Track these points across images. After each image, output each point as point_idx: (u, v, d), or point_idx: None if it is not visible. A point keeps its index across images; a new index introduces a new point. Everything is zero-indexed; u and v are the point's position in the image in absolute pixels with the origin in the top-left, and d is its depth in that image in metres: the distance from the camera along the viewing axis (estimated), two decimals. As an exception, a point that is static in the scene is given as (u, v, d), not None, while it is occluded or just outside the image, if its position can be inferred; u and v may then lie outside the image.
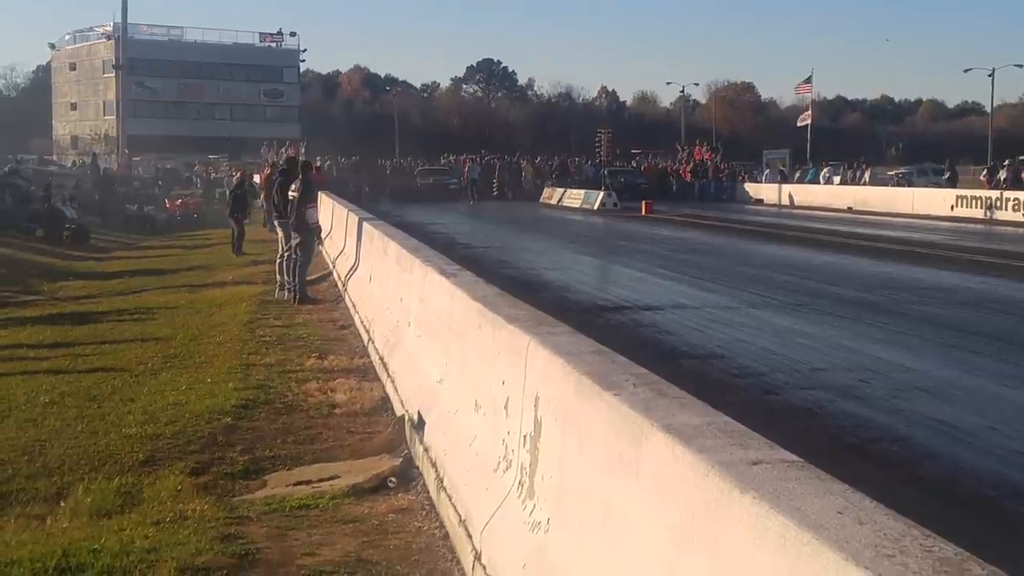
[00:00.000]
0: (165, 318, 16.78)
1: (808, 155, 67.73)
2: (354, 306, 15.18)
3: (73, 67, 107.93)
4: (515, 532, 4.91)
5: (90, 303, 20.28)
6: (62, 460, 8.50)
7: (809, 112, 69.67)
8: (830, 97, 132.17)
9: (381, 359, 10.88)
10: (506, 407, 5.58)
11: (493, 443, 5.76)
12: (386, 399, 9.67)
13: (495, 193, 57.37)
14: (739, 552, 2.84)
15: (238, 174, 31.14)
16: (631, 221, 40.40)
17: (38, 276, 25.63)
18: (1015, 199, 40.78)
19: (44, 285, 24.10)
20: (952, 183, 49.67)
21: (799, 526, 2.59)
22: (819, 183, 56.72)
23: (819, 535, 2.52)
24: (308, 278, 17.78)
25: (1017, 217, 39.08)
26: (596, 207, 48.07)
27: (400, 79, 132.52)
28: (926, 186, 51.42)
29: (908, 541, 2.50)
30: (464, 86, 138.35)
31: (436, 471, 6.75)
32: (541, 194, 56.72)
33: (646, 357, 7.60)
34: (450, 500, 6.17)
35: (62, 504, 7.43)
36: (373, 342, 11.92)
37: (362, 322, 13.58)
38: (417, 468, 7.41)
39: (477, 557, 5.23)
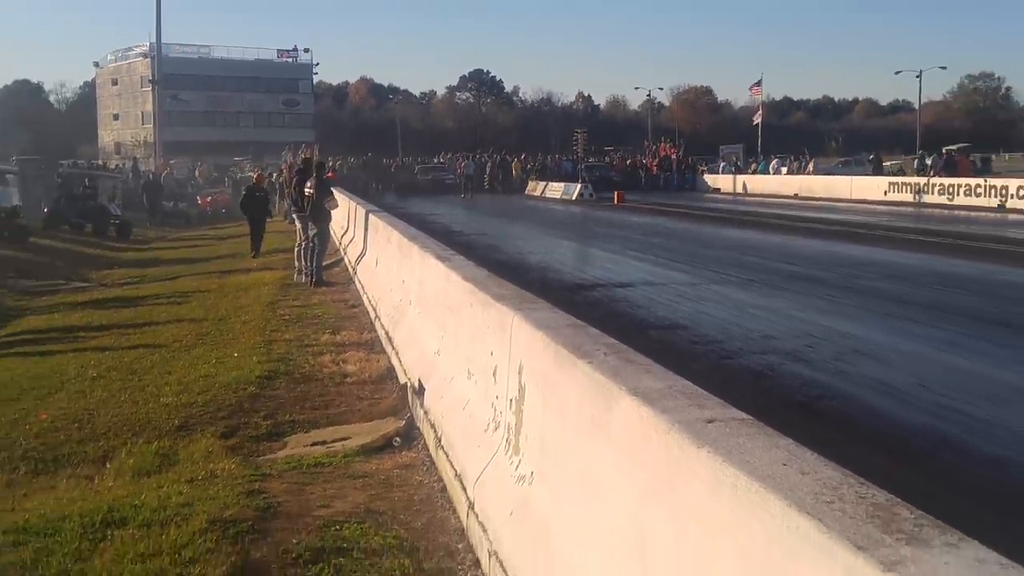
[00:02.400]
0: (198, 301, 16.73)
1: (759, 149, 67.68)
2: (363, 288, 15.14)
3: (115, 82, 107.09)
4: (503, 484, 4.89)
5: (132, 289, 20.23)
6: (108, 427, 8.51)
7: (760, 111, 69.60)
8: (778, 98, 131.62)
9: (387, 334, 10.85)
10: (494, 375, 5.56)
11: (483, 406, 5.73)
12: (391, 369, 9.64)
13: (486, 187, 57.26)
14: (696, 500, 2.82)
15: (255, 176, 28.79)
16: (605, 210, 40.34)
17: (87, 266, 25.57)
18: (940, 184, 41.00)
19: (92, 273, 24.06)
20: (876, 172, 50.39)
21: (749, 476, 2.57)
22: (769, 173, 56.87)
23: (766, 484, 2.50)
24: (323, 264, 17.76)
25: (943, 200, 39.25)
26: (574, 198, 48.01)
27: (401, 88, 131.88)
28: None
29: (845, 489, 2.48)
30: (458, 93, 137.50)
31: (435, 431, 6.73)
32: (526, 187, 56.64)
33: (617, 329, 7.56)
34: (447, 457, 6.15)
35: (107, 465, 7.44)
36: (379, 319, 11.88)
37: (370, 301, 13.54)
38: (418, 429, 7.40)
39: (471, 507, 5.21)
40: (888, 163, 61.07)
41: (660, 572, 3.03)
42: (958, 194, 39.27)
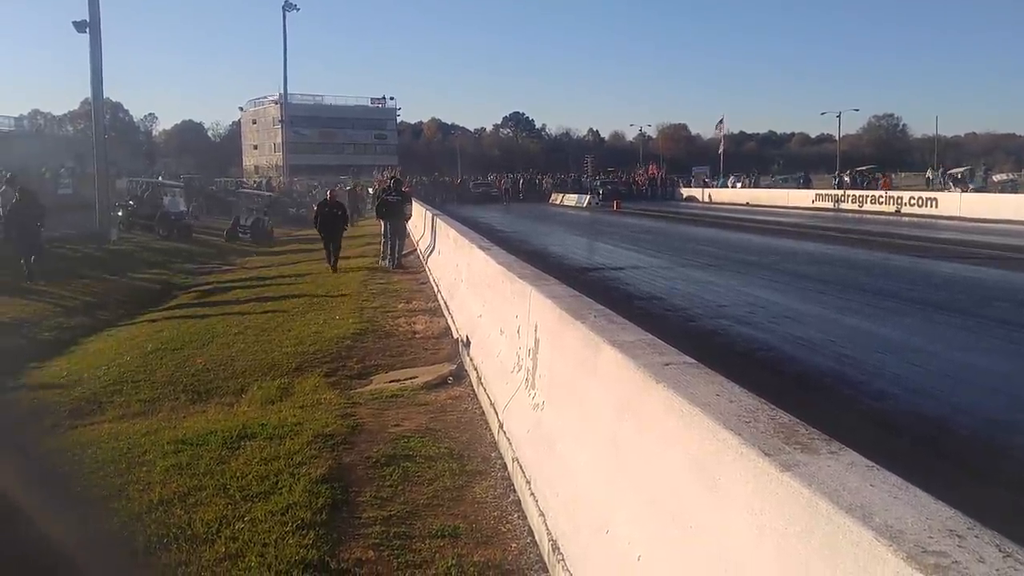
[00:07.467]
0: (311, 279, 16.81)
1: (721, 169, 66.87)
2: (429, 270, 15.18)
3: (254, 121, 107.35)
4: (523, 410, 4.91)
5: (264, 270, 20.40)
6: (244, 368, 8.62)
7: (723, 142, 68.73)
8: (735, 132, 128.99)
9: (445, 303, 10.88)
10: (518, 332, 5.57)
11: (510, 354, 5.74)
12: (448, 328, 9.67)
13: (521, 197, 57.04)
14: (655, 419, 2.82)
15: (328, 193, 19.90)
16: (608, 214, 40.05)
17: (234, 255, 25.84)
18: (852, 195, 40.47)
19: (237, 259, 24.32)
20: (807, 186, 50.20)
21: (691, 402, 2.57)
22: (728, 187, 56.25)
23: (704, 409, 2.50)
24: (402, 253, 17.81)
25: (855, 207, 38.66)
26: (586, 205, 47.79)
27: (461, 125, 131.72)
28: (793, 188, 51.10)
29: (760, 413, 2.47)
30: (501, 130, 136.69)
31: (477, 373, 6.76)
32: (549, 197, 56.38)
33: (609, 300, 7.54)
34: (485, 391, 6.17)
35: (244, 396, 7.54)
36: (440, 292, 11.92)
37: (434, 280, 13.57)
38: (465, 371, 7.42)
39: (500, 426, 5.24)
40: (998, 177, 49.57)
41: (628, 460, 3.06)
42: (866, 203, 38.67)
